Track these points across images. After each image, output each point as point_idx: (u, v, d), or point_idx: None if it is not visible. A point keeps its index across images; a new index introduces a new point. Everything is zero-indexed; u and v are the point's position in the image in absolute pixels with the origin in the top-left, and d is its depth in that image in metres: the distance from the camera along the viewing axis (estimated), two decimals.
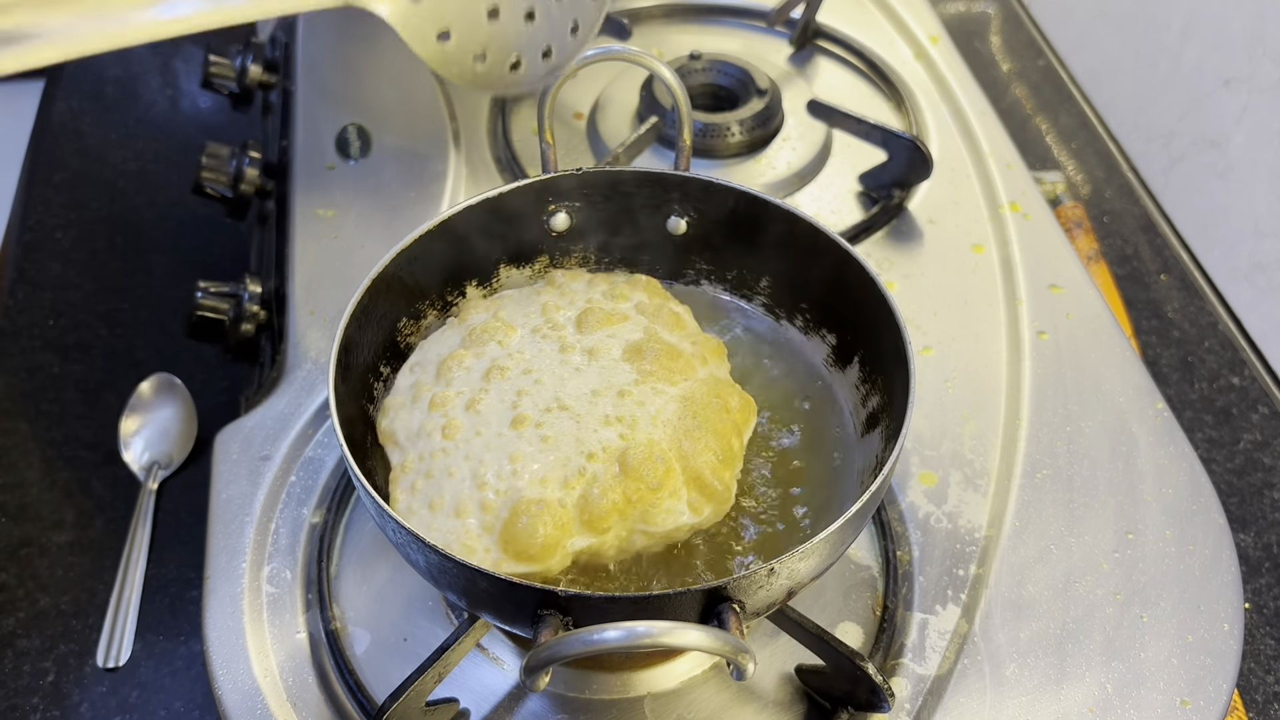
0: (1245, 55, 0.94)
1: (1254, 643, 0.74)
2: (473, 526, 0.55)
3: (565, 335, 0.63)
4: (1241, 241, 0.96)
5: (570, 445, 0.57)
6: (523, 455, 0.56)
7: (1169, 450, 0.76)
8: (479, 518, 0.55)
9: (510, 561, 0.54)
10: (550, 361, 0.62)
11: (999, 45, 1.24)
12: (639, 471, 0.56)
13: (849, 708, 0.62)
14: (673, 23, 1.13)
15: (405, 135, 0.99)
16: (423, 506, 0.56)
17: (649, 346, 0.63)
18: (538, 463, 0.56)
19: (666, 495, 0.57)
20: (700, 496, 0.58)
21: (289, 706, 0.62)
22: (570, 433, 0.58)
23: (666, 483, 0.57)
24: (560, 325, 0.64)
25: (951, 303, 0.86)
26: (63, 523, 0.79)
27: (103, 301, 0.95)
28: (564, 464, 0.56)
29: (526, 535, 0.54)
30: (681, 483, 0.58)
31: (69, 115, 1.12)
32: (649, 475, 0.56)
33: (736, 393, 0.63)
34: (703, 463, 0.58)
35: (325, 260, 0.87)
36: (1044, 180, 1.06)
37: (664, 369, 0.61)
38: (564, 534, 0.55)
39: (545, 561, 0.54)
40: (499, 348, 0.62)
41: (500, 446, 0.57)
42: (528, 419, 0.58)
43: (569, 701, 0.64)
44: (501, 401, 0.59)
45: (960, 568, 0.69)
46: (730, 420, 0.61)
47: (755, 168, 0.96)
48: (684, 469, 0.58)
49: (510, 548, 0.54)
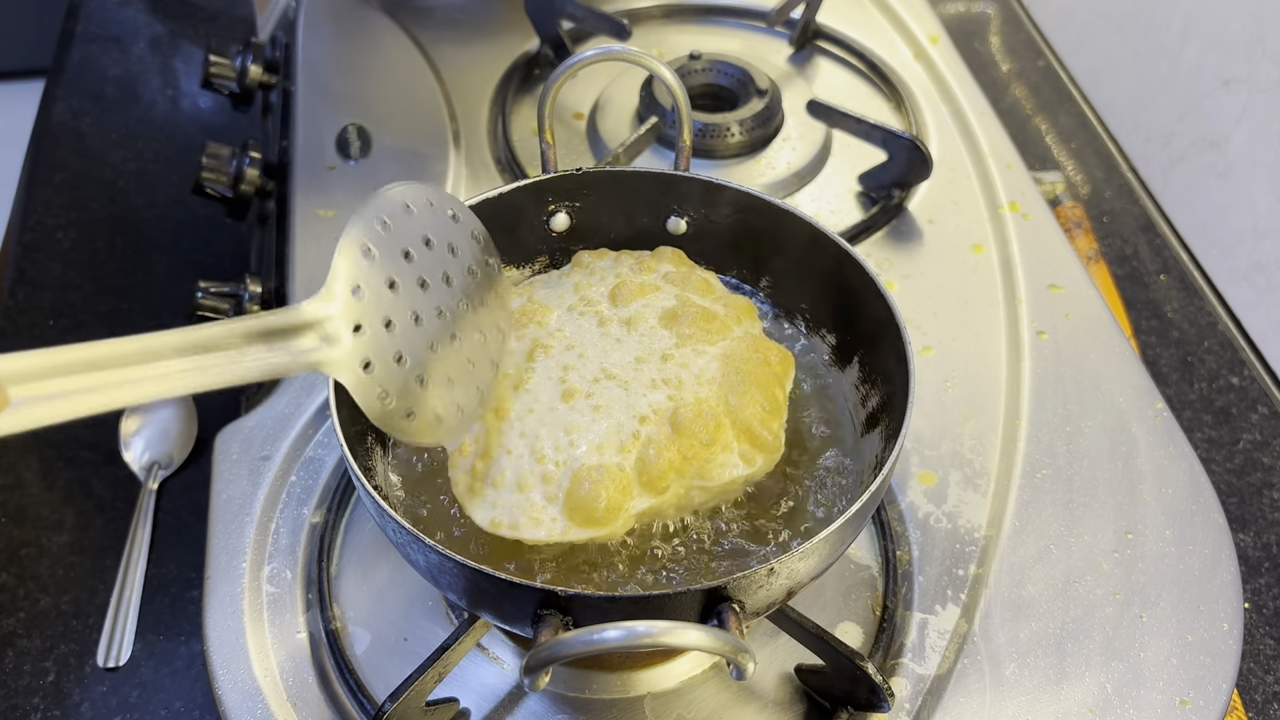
0: (1245, 55, 0.94)
1: (1253, 643, 0.74)
2: (537, 499, 0.56)
3: (601, 310, 0.65)
4: (1241, 241, 0.96)
5: (622, 411, 0.58)
6: (577, 426, 0.58)
7: (1168, 450, 0.76)
8: (542, 490, 0.57)
9: (577, 528, 0.56)
10: (590, 336, 0.63)
11: (999, 45, 1.25)
12: (691, 429, 0.58)
13: (849, 707, 0.62)
14: (673, 23, 1.13)
15: (405, 135, 0.99)
16: (484, 485, 0.58)
17: (684, 311, 0.64)
18: (592, 431, 0.58)
19: (720, 450, 0.59)
20: (752, 448, 0.60)
21: (289, 706, 0.62)
22: (620, 400, 0.59)
23: (718, 437, 0.59)
24: (595, 301, 0.65)
25: (951, 303, 0.86)
26: (63, 523, 0.79)
27: (103, 301, 0.95)
28: (618, 430, 0.58)
29: (590, 501, 0.55)
30: (732, 436, 0.59)
31: (69, 115, 1.12)
32: (701, 432, 0.58)
33: (773, 347, 0.64)
34: (751, 415, 0.60)
35: (325, 260, 0.86)
36: (1044, 180, 1.06)
37: (701, 331, 0.63)
38: (625, 496, 0.57)
39: (610, 524, 0.56)
40: (538, 328, 0.63)
41: (554, 420, 0.58)
42: (577, 391, 0.59)
43: (569, 701, 0.64)
44: (549, 378, 0.60)
45: (960, 567, 0.69)
46: (771, 373, 0.63)
47: (755, 168, 0.96)
48: (733, 423, 0.60)
49: (576, 515, 0.55)
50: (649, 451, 0.57)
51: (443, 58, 1.07)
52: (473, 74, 1.06)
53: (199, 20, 1.25)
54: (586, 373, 0.60)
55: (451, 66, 1.06)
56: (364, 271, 0.49)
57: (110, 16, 1.25)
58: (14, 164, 1.09)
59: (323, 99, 1.02)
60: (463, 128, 1.00)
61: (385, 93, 1.04)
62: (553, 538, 0.56)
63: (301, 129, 0.99)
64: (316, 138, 0.98)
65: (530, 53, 1.07)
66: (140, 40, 1.23)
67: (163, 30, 1.24)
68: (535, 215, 0.71)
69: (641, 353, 0.62)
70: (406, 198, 0.52)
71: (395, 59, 1.07)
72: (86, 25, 1.23)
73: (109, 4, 1.26)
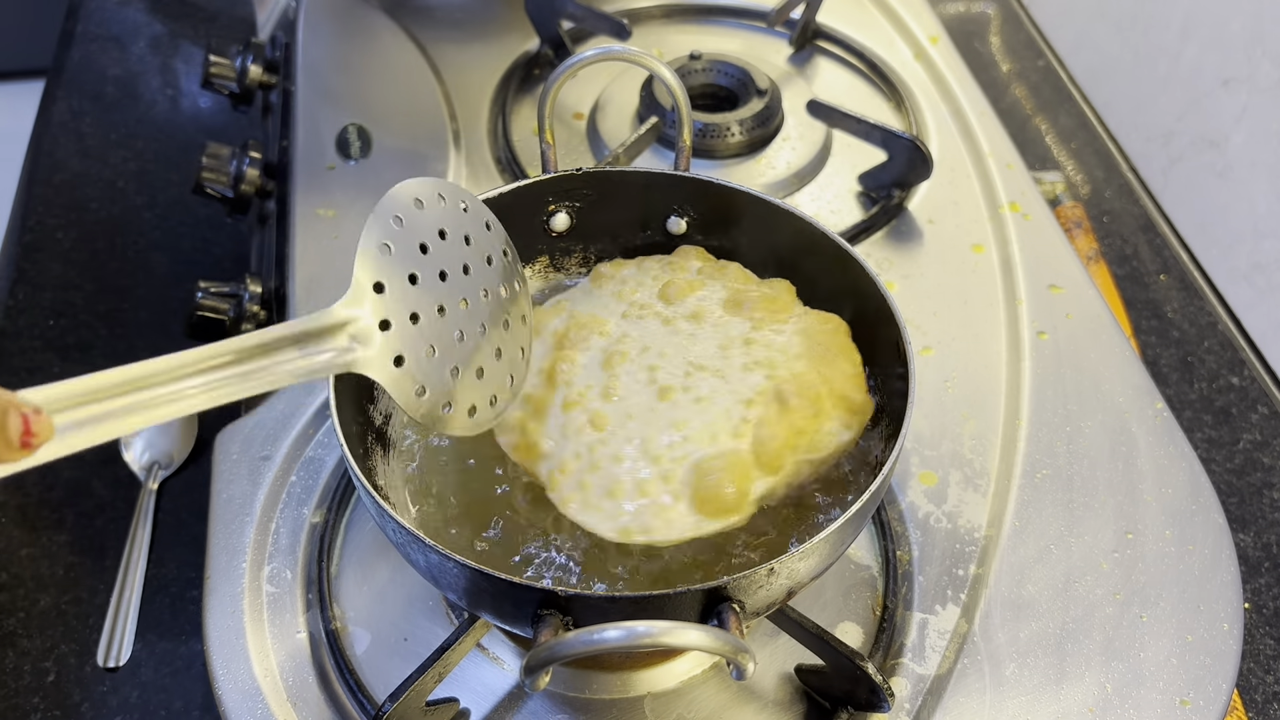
0: (1244, 55, 0.94)
1: (1254, 643, 0.74)
2: (664, 500, 0.56)
3: (659, 310, 0.65)
4: (1241, 241, 0.96)
5: (726, 398, 0.59)
6: (685, 421, 0.58)
7: (1168, 450, 0.76)
8: (666, 488, 0.56)
9: (709, 521, 0.55)
10: (662, 335, 0.63)
11: (999, 45, 1.25)
12: (798, 404, 0.58)
13: (849, 707, 0.62)
14: (673, 23, 1.13)
15: (405, 135, 0.99)
16: (601, 498, 0.57)
17: (745, 297, 0.64)
18: (701, 422, 0.58)
19: (824, 419, 0.60)
20: (849, 414, 0.61)
21: (289, 706, 0.62)
22: (720, 388, 0.59)
23: (823, 407, 0.59)
24: (647, 304, 0.65)
25: (951, 303, 0.86)
26: (63, 523, 0.79)
27: (103, 301, 0.95)
28: (726, 416, 0.58)
29: (717, 490, 0.55)
30: (831, 405, 0.60)
31: (69, 115, 1.12)
32: (807, 405, 0.59)
33: (832, 316, 0.65)
34: (843, 382, 0.61)
35: (325, 260, 0.87)
36: (1043, 180, 1.06)
37: (769, 312, 0.63)
38: (748, 480, 0.57)
39: (740, 511, 0.56)
40: (601, 338, 0.63)
41: (658, 420, 0.58)
42: (673, 388, 0.59)
43: (569, 701, 0.64)
44: (636, 381, 0.60)
45: (960, 567, 0.69)
46: (845, 339, 0.64)
47: (755, 168, 0.96)
48: (829, 392, 0.60)
49: (706, 507, 0.55)
50: (762, 431, 0.58)
51: (443, 58, 1.07)
52: (473, 74, 1.06)
53: (199, 20, 1.25)
54: (675, 369, 0.61)
55: (451, 66, 1.06)
56: (385, 268, 0.49)
57: (110, 16, 1.25)
58: (14, 164, 1.09)
59: (323, 99, 1.02)
60: (463, 128, 1.00)
61: (385, 93, 1.04)
62: (686, 535, 0.55)
63: (301, 129, 0.99)
64: (316, 138, 0.98)
65: (530, 53, 1.07)
66: (140, 40, 1.23)
67: (163, 30, 1.24)
68: (535, 215, 0.71)
69: (722, 340, 0.62)
70: (417, 192, 0.53)
71: (395, 59, 1.07)
72: (86, 25, 1.23)
73: (109, 4, 1.26)
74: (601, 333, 0.63)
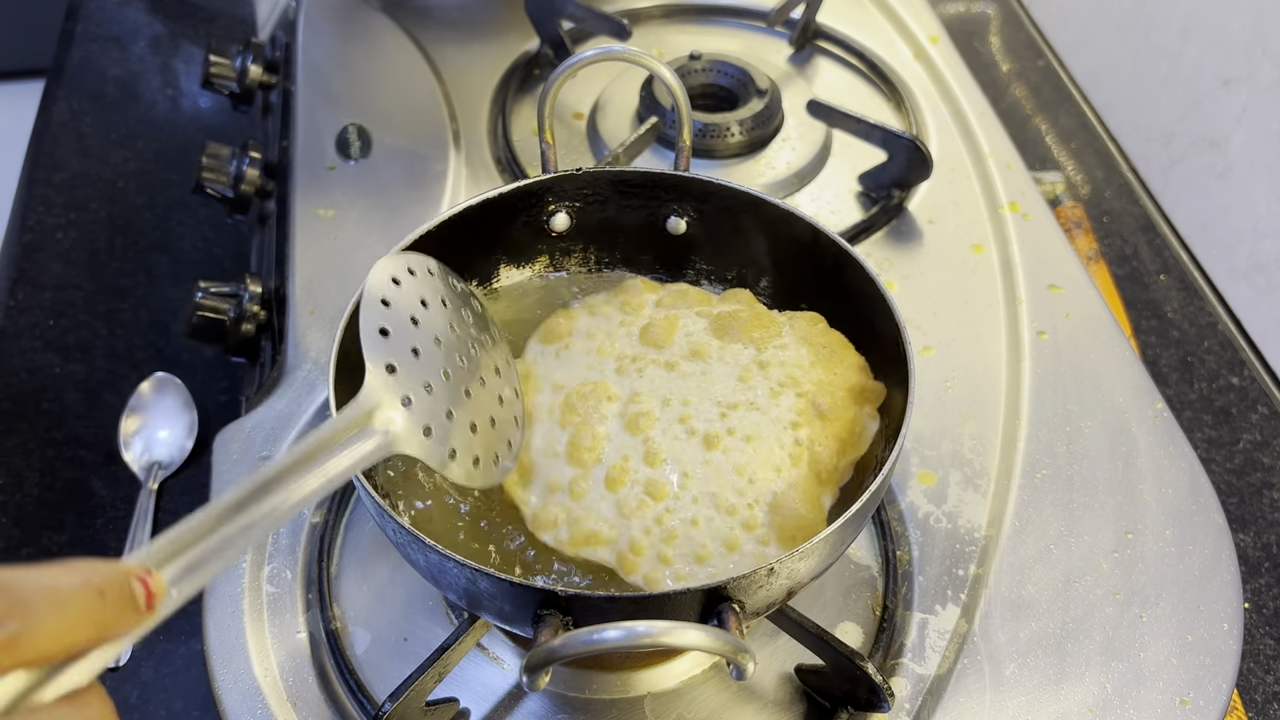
0: (1245, 55, 0.94)
1: (1253, 643, 0.74)
2: (751, 548, 0.56)
3: (654, 357, 0.62)
4: (1241, 241, 0.96)
5: (772, 429, 0.59)
6: (745, 465, 0.58)
7: (1168, 450, 0.76)
8: (752, 536, 0.56)
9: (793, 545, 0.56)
10: (673, 382, 0.61)
11: (999, 46, 1.25)
12: (834, 413, 0.60)
13: (849, 707, 0.62)
14: (673, 23, 1.13)
15: (405, 135, 0.99)
16: (688, 565, 0.56)
17: (729, 322, 0.64)
18: (762, 460, 0.58)
19: (857, 416, 0.61)
20: (869, 403, 0.62)
21: (289, 706, 0.62)
22: (761, 421, 0.59)
23: (850, 405, 0.61)
24: (638, 354, 0.63)
25: (951, 303, 0.86)
26: (63, 523, 0.79)
27: (103, 301, 0.95)
28: (779, 445, 0.58)
29: (796, 520, 0.56)
30: (854, 400, 0.62)
31: (69, 115, 1.12)
32: (840, 409, 0.60)
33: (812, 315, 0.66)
34: (853, 374, 0.63)
35: (325, 260, 0.87)
36: (1043, 180, 1.06)
37: (761, 329, 0.64)
38: (818, 499, 0.58)
39: (820, 527, 0.56)
40: (610, 404, 0.60)
41: (715, 473, 0.58)
42: (718, 434, 0.59)
43: (569, 701, 0.64)
44: (675, 438, 0.59)
45: (960, 567, 0.69)
46: (833, 333, 0.65)
47: (755, 168, 0.96)
48: (848, 389, 0.62)
49: (795, 540, 0.56)
50: (816, 449, 0.59)
51: (443, 58, 1.07)
52: (473, 74, 1.06)
53: (199, 20, 1.25)
54: (708, 414, 0.59)
55: (451, 66, 1.06)
56: (390, 350, 0.51)
57: (110, 16, 1.25)
58: (14, 164, 1.09)
59: (323, 99, 1.02)
60: (463, 128, 1.00)
61: (385, 93, 1.04)
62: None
63: (301, 129, 0.99)
64: (316, 138, 0.98)
65: (530, 53, 1.07)
66: (140, 40, 1.23)
67: (163, 30, 1.24)
68: (535, 215, 0.71)
69: (735, 371, 0.61)
70: (391, 271, 0.55)
71: (395, 59, 1.07)
72: (86, 25, 1.23)
73: (109, 4, 1.26)
74: (610, 398, 0.60)
